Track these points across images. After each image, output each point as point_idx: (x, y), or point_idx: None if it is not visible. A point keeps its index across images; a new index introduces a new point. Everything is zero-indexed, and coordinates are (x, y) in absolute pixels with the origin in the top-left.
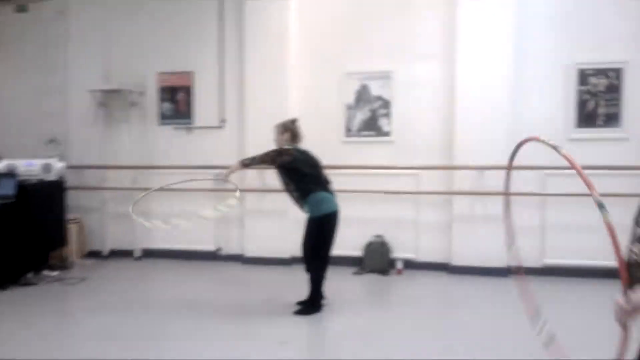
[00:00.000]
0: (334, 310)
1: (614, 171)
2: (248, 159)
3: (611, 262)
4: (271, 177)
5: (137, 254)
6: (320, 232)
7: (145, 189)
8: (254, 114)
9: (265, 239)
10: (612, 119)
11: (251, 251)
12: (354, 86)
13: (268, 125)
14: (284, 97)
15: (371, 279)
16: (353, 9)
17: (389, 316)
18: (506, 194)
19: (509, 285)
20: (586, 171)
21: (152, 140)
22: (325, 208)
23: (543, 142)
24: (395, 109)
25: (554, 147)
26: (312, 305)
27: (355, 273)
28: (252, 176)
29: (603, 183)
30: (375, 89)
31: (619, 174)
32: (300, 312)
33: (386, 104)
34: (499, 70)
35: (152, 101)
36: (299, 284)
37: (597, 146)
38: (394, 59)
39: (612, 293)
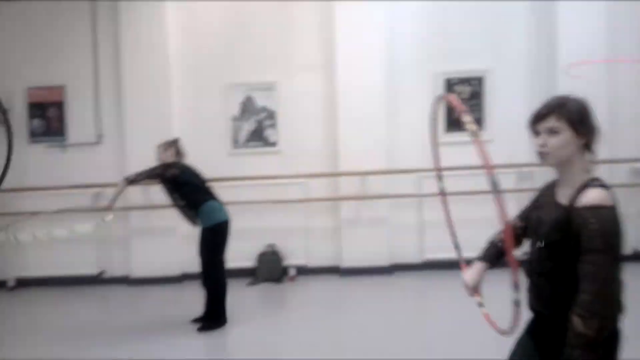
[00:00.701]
0: (234, 323)
1: (478, 171)
2: (133, 175)
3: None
4: (157, 193)
5: (11, 283)
6: (216, 241)
7: (18, 214)
8: (134, 128)
9: (154, 257)
10: (476, 123)
11: (138, 271)
12: (239, 97)
13: (150, 139)
14: (166, 110)
15: (266, 289)
16: (235, 21)
17: (287, 323)
18: (443, 194)
19: (395, 281)
20: (456, 172)
21: (22, 160)
22: (219, 217)
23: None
24: (280, 120)
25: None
26: (215, 319)
27: (250, 284)
28: (136, 193)
29: (473, 182)
30: (261, 100)
31: (481, 173)
32: (203, 329)
33: (272, 114)
34: (374, 80)
35: (20, 118)
36: (192, 300)
37: (464, 148)
38: (277, 70)
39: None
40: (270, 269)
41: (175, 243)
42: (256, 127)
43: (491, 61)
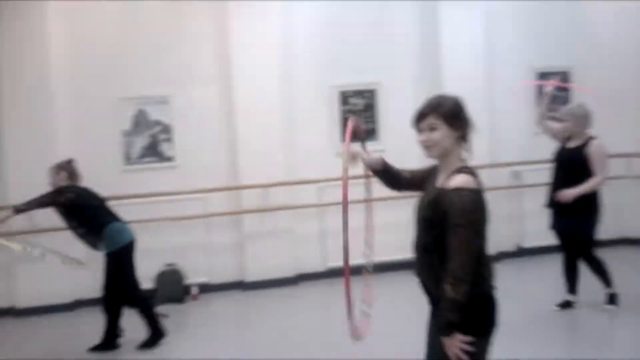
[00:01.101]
0: (132, 348)
1: (375, 179)
2: (23, 204)
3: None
4: (43, 217)
5: None
6: (126, 264)
7: None
8: (13, 149)
9: (43, 284)
10: (370, 134)
11: (25, 301)
12: (130, 111)
13: (32, 161)
14: (50, 127)
15: (167, 310)
16: (125, 32)
17: (191, 344)
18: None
19: (300, 291)
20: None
21: None
22: (124, 238)
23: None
24: (177, 134)
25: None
26: (154, 335)
27: None
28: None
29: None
30: (154, 114)
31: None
32: (145, 345)
33: (167, 128)
34: (272, 92)
35: None
36: (89, 328)
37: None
38: (171, 83)
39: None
40: (171, 288)
41: (67, 268)
42: (150, 142)
43: (382, 74)
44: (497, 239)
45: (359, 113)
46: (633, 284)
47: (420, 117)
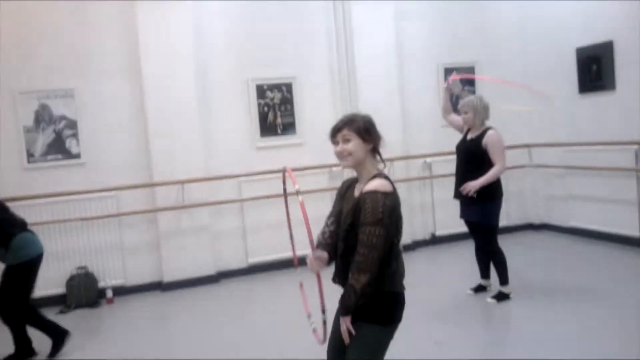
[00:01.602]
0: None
1: (295, 172)
2: None
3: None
4: None
5: None
6: (28, 279)
7: None
8: None
9: None
10: (288, 128)
11: None
12: (32, 106)
13: None
14: None
15: (80, 315)
16: (27, 23)
17: (107, 350)
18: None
19: (221, 289)
20: (271, 175)
21: None
22: (32, 251)
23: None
24: (84, 129)
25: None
26: (55, 341)
27: (60, 312)
28: None
29: (287, 184)
30: (58, 109)
31: (299, 174)
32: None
33: (72, 124)
34: (185, 86)
35: None
36: None
37: (279, 152)
38: (76, 75)
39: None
40: (83, 293)
41: None
42: (55, 138)
43: (299, 68)
44: (412, 228)
45: (276, 106)
46: (535, 268)
47: (336, 131)
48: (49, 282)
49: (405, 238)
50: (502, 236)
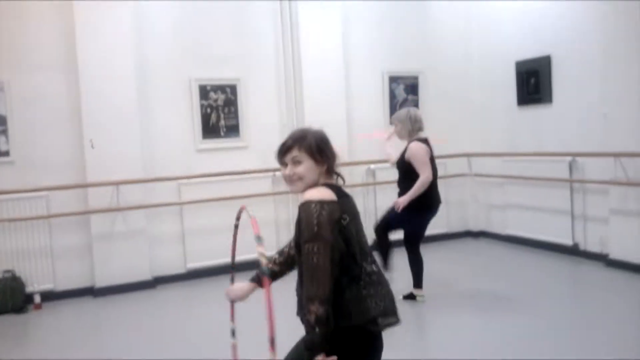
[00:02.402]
0: None
1: (238, 176)
2: None
3: (247, 255)
4: None
5: None
6: None
7: None
8: None
9: None
10: (232, 130)
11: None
12: None
13: None
14: None
15: (5, 321)
16: None
17: (33, 358)
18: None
19: (158, 295)
20: (213, 178)
21: None
22: None
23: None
24: (13, 125)
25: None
26: None
27: None
28: None
29: (229, 188)
30: None
31: (241, 178)
32: None
33: (2, 119)
34: (124, 85)
35: None
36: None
37: (222, 155)
38: (7, 68)
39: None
40: (9, 298)
41: None
42: None
43: (244, 70)
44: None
45: (220, 108)
46: (467, 275)
47: (284, 151)
48: None
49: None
50: (442, 243)
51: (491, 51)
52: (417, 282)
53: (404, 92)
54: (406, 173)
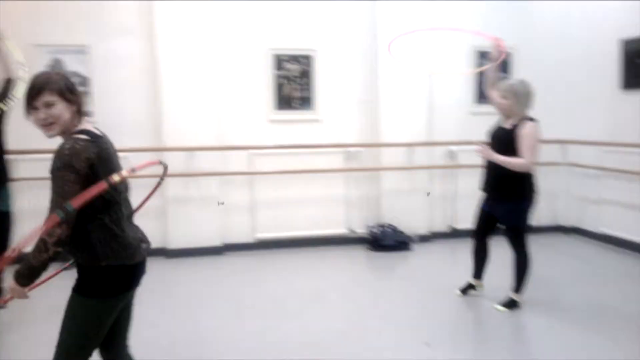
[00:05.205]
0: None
1: (310, 150)
2: None
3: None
4: None
5: None
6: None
7: None
8: None
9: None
10: (305, 102)
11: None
12: (45, 60)
13: None
14: None
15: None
16: None
17: None
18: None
19: (226, 261)
20: (284, 150)
21: None
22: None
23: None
24: (95, 87)
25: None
26: None
27: (65, 269)
28: None
29: (301, 161)
30: (72, 64)
31: (314, 152)
32: None
33: (85, 81)
34: (200, 52)
35: None
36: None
37: (294, 127)
38: (90, 31)
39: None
40: None
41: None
42: None
43: (321, 40)
44: (430, 218)
45: (294, 79)
46: (558, 277)
47: (34, 95)
48: None
49: (422, 228)
50: (529, 237)
51: (593, 26)
52: (520, 285)
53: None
54: (507, 151)
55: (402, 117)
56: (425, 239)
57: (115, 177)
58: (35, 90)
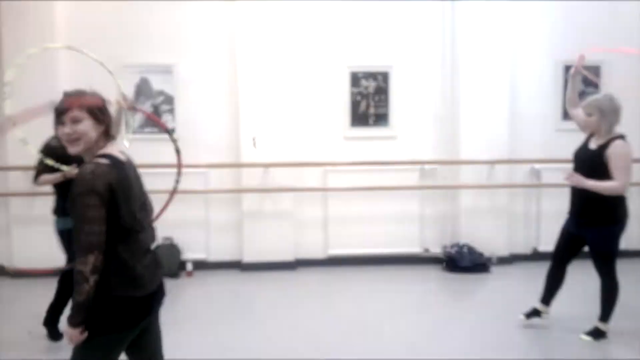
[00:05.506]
0: None
1: (385, 166)
2: None
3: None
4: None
5: None
6: None
7: None
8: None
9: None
10: (381, 119)
11: (19, 263)
12: (134, 79)
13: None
14: (54, 92)
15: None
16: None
17: (184, 320)
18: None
19: (298, 277)
20: (358, 166)
21: None
22: None
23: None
24: (179, 105)
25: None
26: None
27: None
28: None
29: (375, 178)
30: (157, 84)
31: (388, 169)
32: None
33: (169, 99)
34: (277, 70)
35: None
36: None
37: (369, 143)
38: (175, 52)
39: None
40: (167, 263)
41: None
42: (152, 113)
43: (397, 56)
44: (510, 239)
45: (370, 96)
46: None
47: (64, 110)
48: None
49: (503, 249)
50: (618, 261)
51: None
52: (607, 314)
53: (582, 83)
54: (595, 172)
55: (483, 133)
56: (504, 261)
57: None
58: (66, 105)
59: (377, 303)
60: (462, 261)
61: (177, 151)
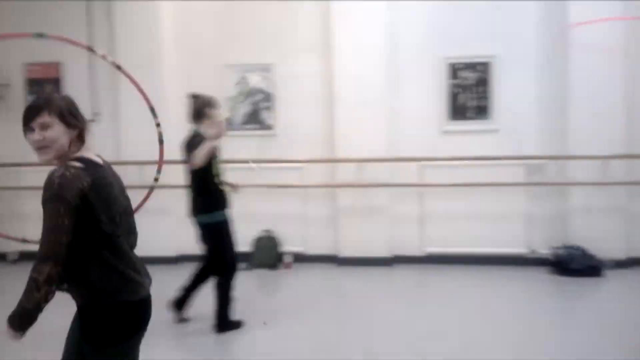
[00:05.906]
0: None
1: (486, 161)
2: None
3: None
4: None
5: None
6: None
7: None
8: (128, 107)
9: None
10: (482, 112)
11: None
12: (234, 78)
13: (144, 118)
14: (159, 90)
15: (260, 274)
16: (231, 1)
17: (283, 311)
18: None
19: (394, 273)
20: (457, 162)
21: (20, 136)
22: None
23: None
24: (277, 102)
25: None
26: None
27: (244, 269)
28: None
29: (475, 173)
30: (256, 82)
31: (490, 164)
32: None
33: (268, 97)
34: (374, 63)
35: (18, 94)
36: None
37: (469, 137)
38: (273, 51)
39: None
40: (266, 254)
41: (174, 222)
42: (252, 110)
43: (498, 46)
44: (630, 241)
45: (469, 88)
46: None
47: (31, 116)
48: (238, 239)
49: (618, 252)
50: None
51: None
52: None
53: None
54: None
55: (596, 125)
56: (621, 264)
57: None
58: (34, 111)
59: (477, 305)
60: (573, 264)
61: (161, 141)
